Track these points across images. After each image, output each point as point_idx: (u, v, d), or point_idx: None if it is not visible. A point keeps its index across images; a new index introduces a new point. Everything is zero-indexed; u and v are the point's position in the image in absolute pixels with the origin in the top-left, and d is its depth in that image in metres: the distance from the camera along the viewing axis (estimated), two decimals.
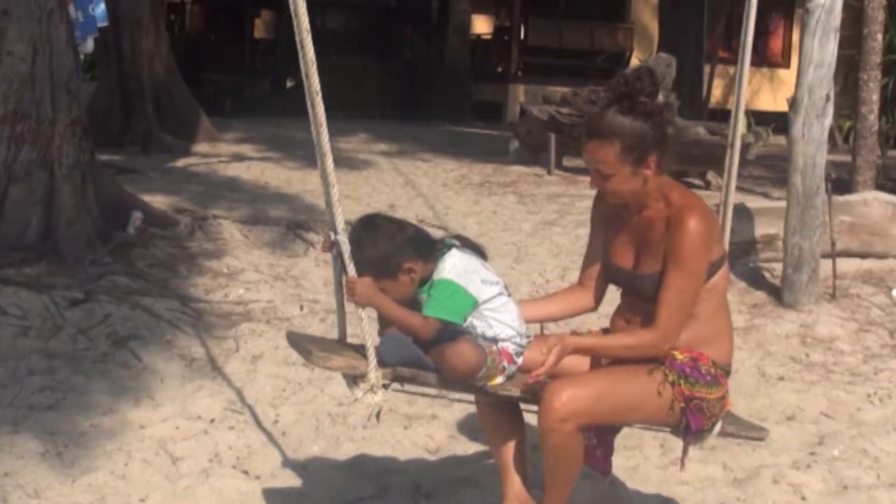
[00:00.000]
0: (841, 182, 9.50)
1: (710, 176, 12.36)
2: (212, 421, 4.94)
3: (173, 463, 4.56)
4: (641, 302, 3.54)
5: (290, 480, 4.44)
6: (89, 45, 9.80)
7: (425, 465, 4.64)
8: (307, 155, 13.77)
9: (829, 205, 7.31)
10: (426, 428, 4.98)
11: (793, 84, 7.35)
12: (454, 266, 3.39)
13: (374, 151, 14.82)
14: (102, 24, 9.80)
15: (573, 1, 23.91)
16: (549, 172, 12.74)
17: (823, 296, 7.21)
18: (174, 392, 5.30)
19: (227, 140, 14.90)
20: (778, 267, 7.39)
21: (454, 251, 3.45)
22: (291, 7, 3.11)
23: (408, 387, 3.57)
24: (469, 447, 4.81)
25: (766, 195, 11.13)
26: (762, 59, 23.62)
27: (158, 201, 8.89)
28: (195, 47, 24.58)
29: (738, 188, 11.59)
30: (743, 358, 6.24)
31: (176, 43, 17.32)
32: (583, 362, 3.62)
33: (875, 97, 10.28)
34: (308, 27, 3.15)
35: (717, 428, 3.60)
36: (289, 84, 23.04)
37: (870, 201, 8.23)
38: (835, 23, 7.00)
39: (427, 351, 3.39)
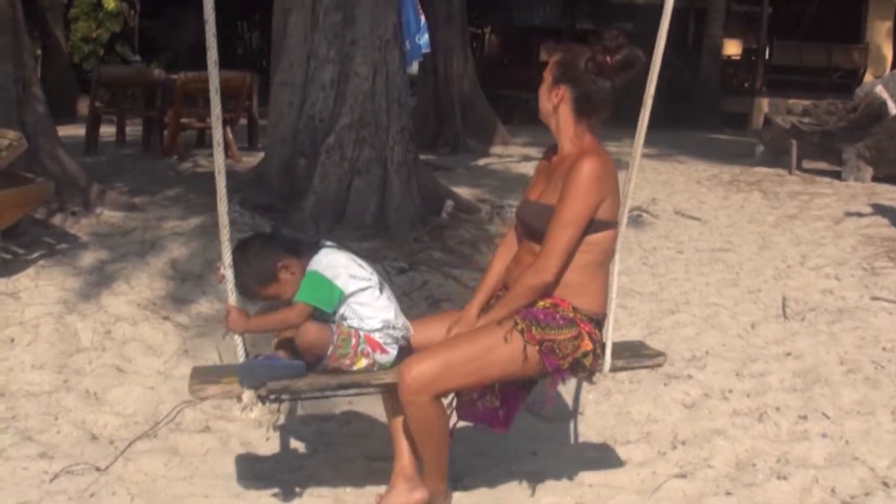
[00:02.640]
0: None
1: None
2: None
3: None
4: (530, 242, 3.19)
5: (567, 421, 4.46)
6: (414, 68, 10.04)
7: (682, 416, 4.52)
8: None
9: None
10: (683, 385, 4.84)
11: None
12: (320, 261, 3.12)
13: None
14: (425, 50, 10.03)
15: (813, 25, 22.70)
16: (790, 173, 12.11)
17: None
18: None
19: (517, 144, 15.01)
20: None
21: (325, 249, 3.18)
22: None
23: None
24: (720, 404, 4.62)
25: None
26: None
27: (464, 192, 9.05)
28: (492, 69, 24.89)
29: None
30: None
31: (477, 65, 17.55)
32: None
33: None
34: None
35: (608, 365, 3.21)
36: None
37: None
38: None
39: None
